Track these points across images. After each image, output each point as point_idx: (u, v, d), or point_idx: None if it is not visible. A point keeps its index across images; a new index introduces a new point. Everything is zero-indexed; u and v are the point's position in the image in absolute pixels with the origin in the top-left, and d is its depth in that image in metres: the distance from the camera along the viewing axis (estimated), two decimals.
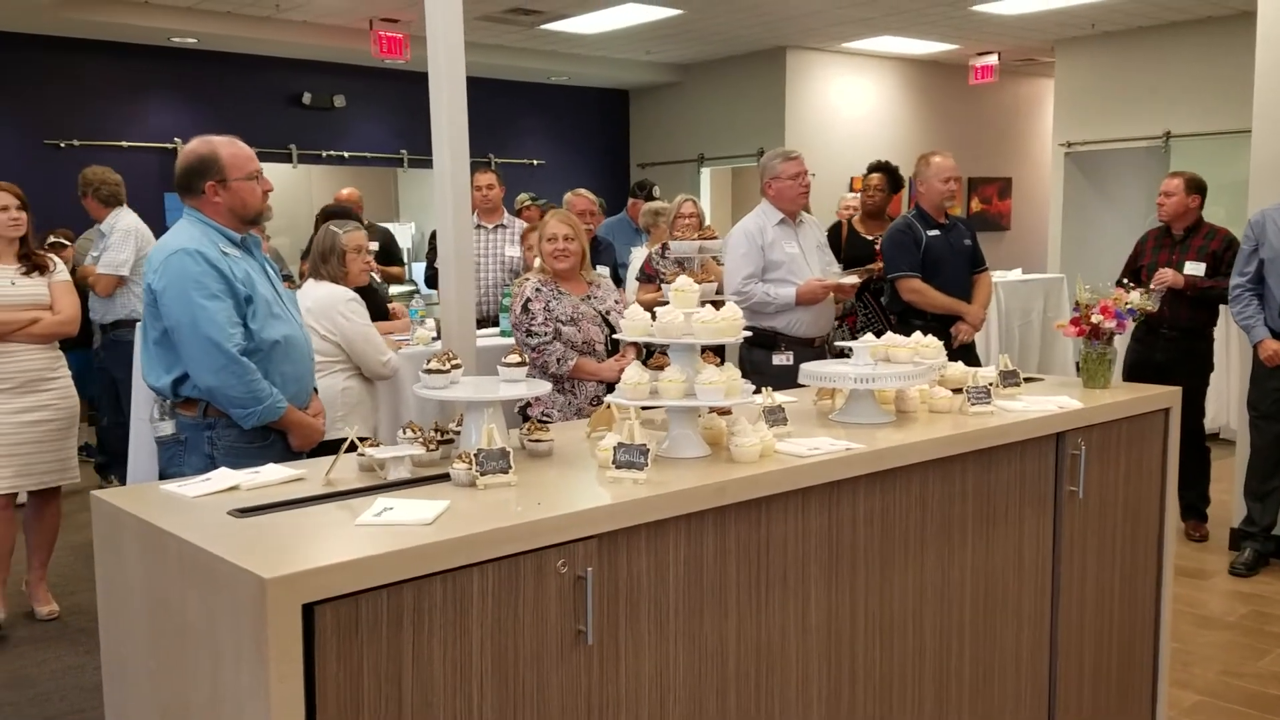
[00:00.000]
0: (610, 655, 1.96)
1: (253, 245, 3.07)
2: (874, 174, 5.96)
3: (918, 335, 2.90)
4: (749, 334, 2.52)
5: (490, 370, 2.64)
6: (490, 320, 5.55)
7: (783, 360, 4.44)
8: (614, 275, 5.83)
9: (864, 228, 5.86)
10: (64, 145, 8.60)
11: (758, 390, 2.54)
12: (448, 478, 2.11)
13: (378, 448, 2.20)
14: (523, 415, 4.05)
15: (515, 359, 2.44)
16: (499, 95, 10.67)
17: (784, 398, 2.78)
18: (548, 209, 5.63)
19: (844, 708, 2.40)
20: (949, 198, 4.94)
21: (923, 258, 4.85)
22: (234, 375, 2.85)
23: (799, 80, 10.47)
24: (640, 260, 5.75)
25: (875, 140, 10.61)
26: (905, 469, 2.46)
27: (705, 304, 2.43)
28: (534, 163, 11.21)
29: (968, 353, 4.83)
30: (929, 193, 4.92)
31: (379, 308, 4.88)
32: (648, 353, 3.92)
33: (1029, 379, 3.32)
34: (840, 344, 3.07)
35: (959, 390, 2.86)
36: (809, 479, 2.25)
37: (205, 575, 1.70)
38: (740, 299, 4.43)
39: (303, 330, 3.15)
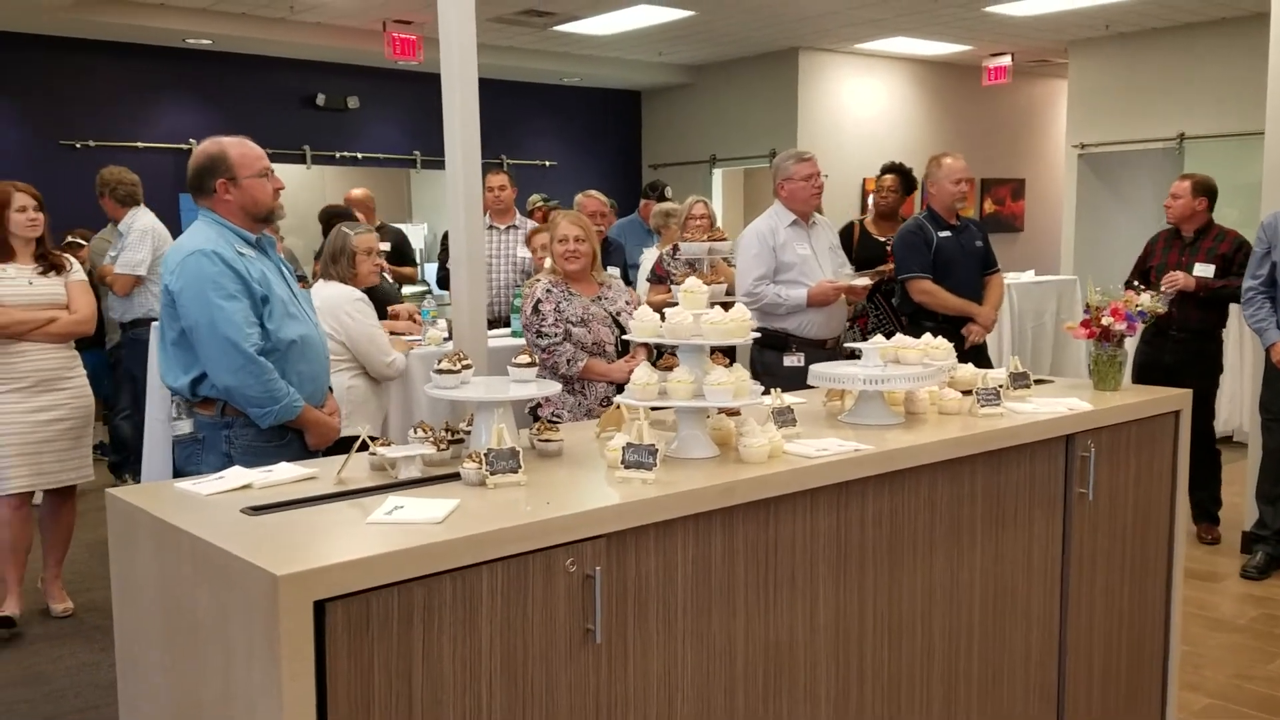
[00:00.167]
0: (619, 654, 1.97)
1: (268, 245, 3.09)
2: (887, 175, 5.97)
3: (927, 337, 2.90)
4: (758, 335, 2.53)
5: (501, 370, 2.65)
6: (502, 321, 5.57)
7: (794, 362, 4.44)
8: (624, 276, 5.84)
9: (876, 229, 5.85)
10: (79, 146, 8.65)
11: (766, 391, 2.55)
12: (458, 477, 2.13)
13: (389, 447, 2.22)
14: (533, 415, 4.06)
15: (526, 359, 2.46)
16: (511, 96, 10.69)
17: (793, 399, 2.79)
18: (554, 210, 5.64)
19: (852, 708, 2.40)
20: (960, 199, 4.94)
21: (934, 259, 4.84)
22: (252, 375, 2.87)
23: (811, 81, 10.46)
24: (651, 261, 5.75)
25: (888, 141, 10.59)
26: (914, 470, 2.46)
27: (715, 305, 2.44)
28: (546, 164, 11.22)
29: (980, 354, 4.83)
30: (940, 194, 4.93)
31: (380, 308, 4.89)
32: (658, 353, 3.93)
33: (1039, 381, 3.31)
34: (850, 345, 3.08)
35: (968, 392, 2.86)
36: (817, 480, 2.26)
37: (218, 572, 1.72)
38: (751, 300, 4.44)
39: (318, 330, 3.17)
